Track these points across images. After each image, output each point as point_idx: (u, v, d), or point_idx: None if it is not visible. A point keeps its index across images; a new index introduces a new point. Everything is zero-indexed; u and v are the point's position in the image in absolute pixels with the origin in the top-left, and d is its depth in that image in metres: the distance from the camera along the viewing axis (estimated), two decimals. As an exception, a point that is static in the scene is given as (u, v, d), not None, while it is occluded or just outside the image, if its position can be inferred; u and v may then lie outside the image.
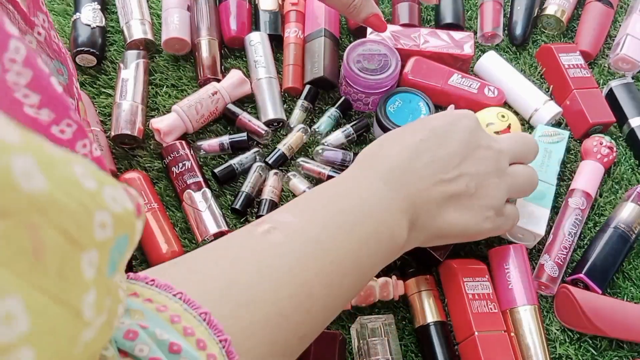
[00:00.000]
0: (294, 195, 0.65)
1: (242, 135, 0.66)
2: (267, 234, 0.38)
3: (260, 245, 0.37)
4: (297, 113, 0.69)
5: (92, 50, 0.69)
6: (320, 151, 0.66)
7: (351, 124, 0.68)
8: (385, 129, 0.65)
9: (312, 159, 0.66)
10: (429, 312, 0.57)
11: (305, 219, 0.40)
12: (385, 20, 0.65)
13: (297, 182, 0.64)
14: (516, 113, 0.72)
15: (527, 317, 0.57)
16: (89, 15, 0.71)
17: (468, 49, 0.72)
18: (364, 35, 0.73)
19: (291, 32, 0.73)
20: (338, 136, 0.67)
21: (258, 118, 0.68)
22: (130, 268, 0.59)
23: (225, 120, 0.69)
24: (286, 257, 0.37)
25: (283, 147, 0.66)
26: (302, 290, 0.36)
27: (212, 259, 0.36)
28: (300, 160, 0.66)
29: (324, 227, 0.39)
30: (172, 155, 0.64)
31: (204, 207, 0.61)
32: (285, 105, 0.70)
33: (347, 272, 0.39)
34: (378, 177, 0.44)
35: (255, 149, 0.66)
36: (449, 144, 0.47)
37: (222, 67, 0.72)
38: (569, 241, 0.61)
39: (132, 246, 0.25)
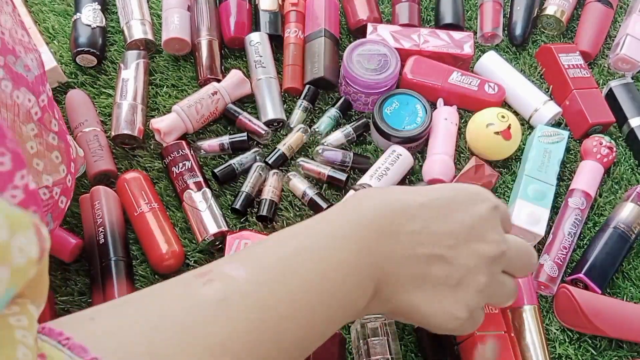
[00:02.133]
0: (294, 195, 0.65)
1: (242, 135, 0.66)
2: (207, 287, 0.33)
3: (196, 303, 0.32)
4: (297, 113, 0.69)
5: (92, 50, 0.69)
6: (320, 151, 0.66)
7: (351, 124, 0.68)
8: (381, 132, 0.65)
9: (312, 159, 0.66)
10: (428, 312, 0.57)
11: (255, 276, 0.34)
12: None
13: (297, 182, 0.64)
14: (516, 113, 0.72)
15: (526, 317, 0.57)
16: (89, 16, 0.71)
17: (468, 49, 0.72)
18: (364, 35, 0.73)
19: (291, 32, 0.73)
20: (338, 136, 0.67)
21: (258, 118, 0.68)
22: (130, 268, 0.59)
23: (225, 120, 0.69)
24: (221, 322, 0.32)
25: (283, 147, 0.66)
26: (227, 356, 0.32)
27: (137, 315, 0.31)
28: (300, 160, 0.66)
29: (272, 292, 0.34)
30: (172, 155, 0.64)
31: (204, 207, 0.61)
32: (285, 105, 0.70)
33: (286, 343, 0.34)
34: (351, 233, 0.37)
35: (255, 149, 0.66)
36: (448, 221, 0.39)
37: (222, 67, 0.72)
38: (569, 241, 0.62)
39: (17, 291, 0.25)
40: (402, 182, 0.66)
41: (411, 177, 0.67)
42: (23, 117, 0.43)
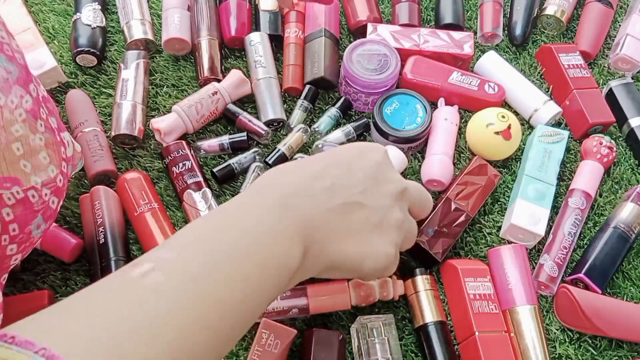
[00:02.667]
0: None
1: (242, 135, 0.66)
2: (145, 276, 0.34)
3: (136, 290, 0.33)
4: (297, 113, 0.69)
5: (92, 50, 0.69)
6: (320, 146, 0.66)
7: (351, 123, 0.68)
8: (381, 132, 0.65)
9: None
10: (429, 312, 0.57)
11: (186, 255, 0.36)
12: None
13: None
14: (516, 113, 0.72)
15: (526, 317, 0.57)
16: (90, 16, 0.71)
17: (468, 49, 0.72)
18: (364, 35, 0.73)
19: (291, 32, 0.73)
20: (338, 135, 0.67)
21: (258, 118, 0.68)
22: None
23: (225, 120, 0.69)
24: (164, 301, 0.33)
25: (283, 147, 0.66)
26: (180, 336, 0.32)
27: (79, 311, 0.32)
28: (299, 157, 0.66)
29: (204, 264, 0.35)
30: (172, 155, 0.64)
31: (203, 207, 0.61)
32: (285, 105, 0.70)
33: (231, 310, 0.36)
34: (269, 204, 0.40)
35: (255, 149, 0.66)
36: (353, 173, 0.44)
37: (222, 67, 0.72)
38: (569, 241, 0.62)
39: None
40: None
41: (411, 178, 0.67)
42: (7, 120, 0.43)
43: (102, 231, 0.59)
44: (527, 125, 0.71)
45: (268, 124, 0.68)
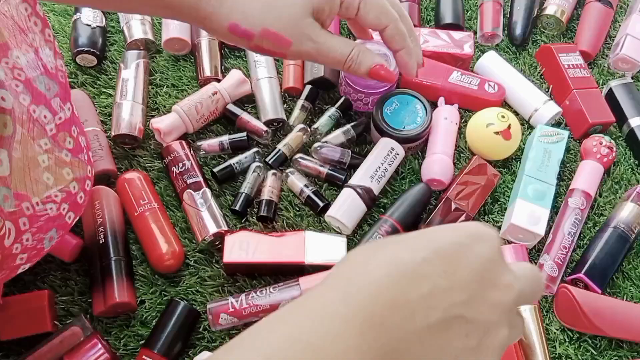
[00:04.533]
0: (294, 195, 0.65)
1: (242, 135, 0.66)
2: None
3: None
4: (297, 113, 0.69)
5: (92, 50, 0.69)
6: (318, 148, 0.66)
7: (351, 123, 0.68)
8: (381, 132, 0.65)
9: (311, 156, 0.66)
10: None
11: None
12: (392, 71, 0.59)
13: (295, 180, 0.64)
14: (516, 113, 0.72)
15: (526, 317, 0.57)
16: (89, 16, 0.71)
17: (468, 49, 0.72)
18: (364, 35, 0.73)
19: (291, 32, 0.73)
20: (338, 135, 0.67)
21: (258, 118, 0.68)
22: (130, 268, 0.59)
23: (225, 120, 0.69)
24: None
25: (283, 147, 0.66)
26: None
27: None
28: (298, 157, 0.66)
29: None
30: (172, 155, 0.64)
31: (203, 207, 0.61)
32: (285, 105, 0.70)
33: None
34: (351, 321, 0.31)
35: (255, 149, 0.66)
36: (457, 273, 0.33)
37: (222, 67, 0.72)
38: (569, 241, 0.62)
39: None
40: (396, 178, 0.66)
41: (411, 178, 0.67)
42: (37, 132, 0.43)
43: (102, 231, 0.59)
44: (527, 125, 0.71)
45: (268, 123, 0.68)
